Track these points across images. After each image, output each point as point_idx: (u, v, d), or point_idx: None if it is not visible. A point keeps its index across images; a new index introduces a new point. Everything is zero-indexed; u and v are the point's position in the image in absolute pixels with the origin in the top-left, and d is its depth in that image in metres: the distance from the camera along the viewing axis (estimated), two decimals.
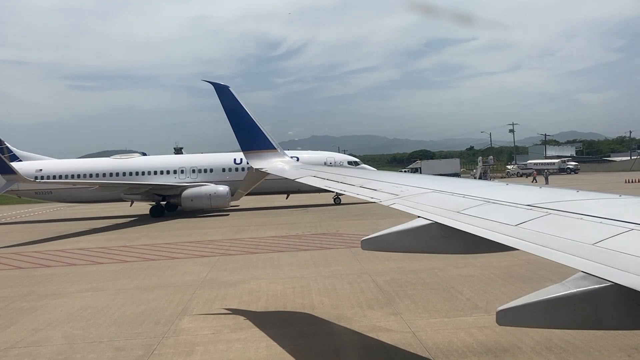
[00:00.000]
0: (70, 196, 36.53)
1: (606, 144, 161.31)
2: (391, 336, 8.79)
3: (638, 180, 51.33)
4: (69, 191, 35.39)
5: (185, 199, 33.68)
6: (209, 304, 11.55)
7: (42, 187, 35.26)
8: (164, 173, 36.41)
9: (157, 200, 35.37)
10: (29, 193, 36.86)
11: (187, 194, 33.67)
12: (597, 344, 7.80)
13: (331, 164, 36.34)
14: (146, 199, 35.83)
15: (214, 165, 36.38)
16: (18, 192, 37.10)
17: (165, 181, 35.74)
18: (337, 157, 38.42)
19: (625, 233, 3.26)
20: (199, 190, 33.58)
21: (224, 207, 34.03)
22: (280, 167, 12.08)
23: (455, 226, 4.45)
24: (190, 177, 35.94)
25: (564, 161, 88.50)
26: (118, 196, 35.63)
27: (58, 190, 35.59)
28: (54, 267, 17.53)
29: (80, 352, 8.81)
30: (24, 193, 36.95)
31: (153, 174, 36.58)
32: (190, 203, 33.69)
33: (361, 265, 14.81)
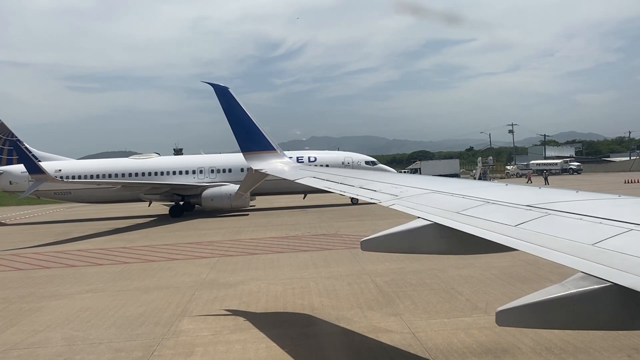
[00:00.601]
0: (89, 196, 36.58)
1: (605, 144, 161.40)
2: (391, 337, 8.79)
3: (637, 180, 51.35)
4: (88, 191, 35.47)
5: (206, 199, 33.77)
6: (209, 305, 11.55)
7: (63, 187, 35.24)
8: (183, 173, 36.46)
9: (176, 200, 35.42)
10: (48, 193, 36.96)
11: (207, 194, 33.76)
12: (597, 344, 7.81)
13: (349, 163, 36.60)
14: (165, 198, 35.91)
15: (233, 165, 36.21)
16: (37, 193, 37.07)
17: (184, 181, 35.79)
18: (354, 157, 38.38)
19: (625, 233, 3.26)
20: (219, 190, 33.62)
21: (244, 206, 34.16)
22: (280, 168, 12.08)
23: (454, 227, 4.45)
24: (209, 177, 35.96)
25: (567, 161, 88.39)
26: (137, 196, 35.73)
27: (77, 191, 35.60)
28: (54, 269, 17.52)
29: (79, 353, 8.81)
30: (42, 193, 37.00)
31: (172, 174, 36.68)
32: (210, 203, 33.76)
33: (361, 266, 14.80)
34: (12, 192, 39.17)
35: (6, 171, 37.51)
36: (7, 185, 37.59)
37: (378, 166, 38.00)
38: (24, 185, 36.74)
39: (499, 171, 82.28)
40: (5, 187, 37.95)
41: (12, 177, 37.19)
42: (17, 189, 37.56)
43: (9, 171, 37.49)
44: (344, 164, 36.66)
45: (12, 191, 38.65)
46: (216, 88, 13.23)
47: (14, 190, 38.07)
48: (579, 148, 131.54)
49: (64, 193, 36.38)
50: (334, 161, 37.14)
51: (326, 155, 38.61)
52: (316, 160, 37.04)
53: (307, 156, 37.50)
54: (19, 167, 37.37)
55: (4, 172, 37.45)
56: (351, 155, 38.57)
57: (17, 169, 37.35)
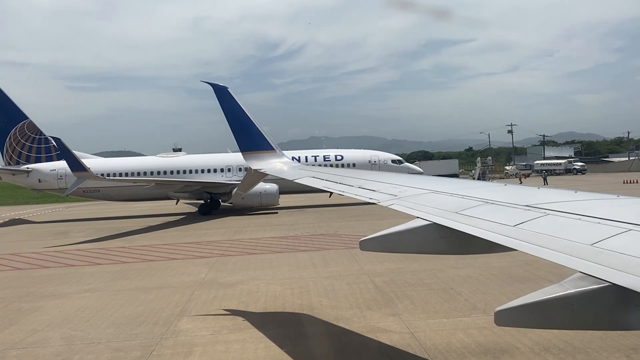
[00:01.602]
0: (118, 194, 36.67)
1: (604, 144, 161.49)
2: (390, 337, 8.80)
3: (636, 180, 51.40)
4: (117, 189, 35.53)
5: (236, 197, 33.68)
6: (208, 305, 11.54)
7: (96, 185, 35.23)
8: (211, 171, 36.56)
9: (205, 198, 35.48)
10: (77, 191, 36.71)
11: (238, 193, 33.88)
12: (596, 344, 7.82)
13: (375, 162, 36.94)
14: (194, 196, 35.96)
15: None
16: (66, 191, 37.05)
17: (214, 179, 35.91)
18: (380, 155, 38.51)
19: (623, 233, 3.27)
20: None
21: (273, 204, 34.27)
22: (279, 167, 12.08)
23: (453, 227, 4.46)
24: (237, 175, 35.94)
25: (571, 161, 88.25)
26: (165, 194, 35.82)
27: (106, 189, 35.62)
28: (53, 268, 17.51)
29: (78, 353, 8.80)
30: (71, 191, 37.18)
31: (200, 172, 36.77)
32: (241, 201, 33.83)
33: (360, 265, 14.81)
34: (41, 190, 39.23)
35: (35, 169, 37.55)
36: (36, 183, 37.63)
37: (404, 165, 38.19)
38: (52, 183, 37.07)
39: (498, 171, 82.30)
40: (34, 185, 37.99)
41: (41, 175, 37.28)
42: (46, 186, 37.71)
43: (38, 169, 37.55)
44: (371, 163, 37.00)
45: (40, 189, 38.68)
46: (215, 88, 13.24)
47: (43, 188, 38.15)
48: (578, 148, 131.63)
49: (92, 191, 36.39)
50: (360, 160, 37.46)
51: (353, 154, 38.79)
52: (343, 159, 37.46)
53: (333, 155, 37.92)
54: (48, 165, 37.68)
55: (33, 170, 37.49)
56: (377, 154, 38.73)
57: (46, 167, 37.65)
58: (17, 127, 37.69)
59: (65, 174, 36.38)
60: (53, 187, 37.39)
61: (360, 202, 7.28)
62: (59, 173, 36.71)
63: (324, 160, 37.52)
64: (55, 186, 37.17)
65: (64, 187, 36.61)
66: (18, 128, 37.71)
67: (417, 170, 38.96)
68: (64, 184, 36.38)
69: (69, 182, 35.78)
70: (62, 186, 36.66)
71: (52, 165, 37.59)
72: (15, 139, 37.81)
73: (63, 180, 36.48)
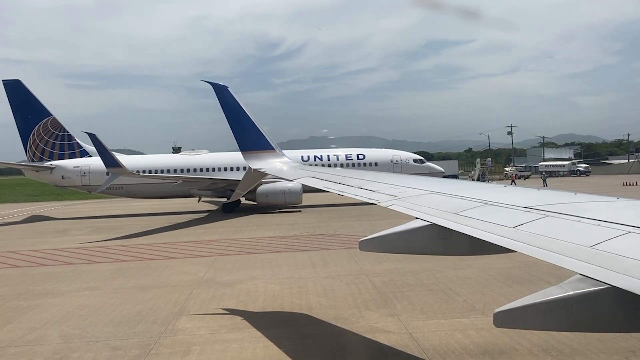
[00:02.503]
0: (142, 191, 36.71)
1: (604, 146, 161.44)
2: (388, 337, 8.80)
3: (636, 183, 51.42)
4: (141, 186, 35.57)
5: (261, 195, 33.93)
6: (206, 304, 11.54)
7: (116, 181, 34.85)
8: (234, 169, 36.47)
9: (229, 196, 35.18)
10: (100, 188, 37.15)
11: (262, 190, 33.83)
12: (594, 346, 7.82)
13: (397, 161, 37.06)
14: (217, 194, 35.96)
15: None
16: (89, 187, 37.44)
17: (239, 177, 35.95)
18: (402, 154, 38.63)
19: (623, 236, 3.26)
20: (274, 187, 33.69)
21: (297, 203, 34.33)
22: (279, 167, 12.08)
23: (453, 228, 4.45)
24: None
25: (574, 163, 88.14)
26: (189, 192, 35.82)
27: (129, 185, 35.56)
28: (51, 266, 17.50)
29: (77, 351, 8.80)
30: (94, 188, 37.23)
31: (223, 170, 36.81)
32: (265, 199, 33.97)
33: (359, 266, 14.81)
34: (63, 187, 39.28)
35: (59, 166, 37.60)
36: (60, 179, 37.69)
37: (426, 164, 38.27)
38: (76, 180, 37.09)
39: (497, 172, 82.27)
40: (57, 181, 38.03)
41: (65, 172, 37.35)
42: (69, 183, 37.75)
43: (61, 166, 37.59)
44: (393, 162, 37.13)
45: (63, 185, 38.70)
46: (215, 87, 13.23)
47: (66, 184, 38.19)
48: (577, 150, 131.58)
49: (115, 188, 36.26)
50: (382, 159, 37.62)
51: (375, 153, 38.85)
52: (365, 158, 37.54)
53: (355, 154, 38.02)
54: (72, 162, 37.75)
55: (57, 167, 37.55)
56: (399, 153, 38.84)
57: (70, 163, 37.69)
58: (40, 124, 37.83)
59: (88, 171, 36.77)
60: (76, 184, 37.47)
61: (359, 202, 7.28)
62: (82, 170, 36.88)
63: (346, 159, 37.66)
64: (78, 183, 37.25)
65: (87, 184, 36.86)
66: (42, 125, 37.85)
67: (438, 170, 39.19)
68: (87, 181, 36.62)
69: (92, 179, 36.24)
70: (85, 183, 36.86)
71: (75, 162, 37.76)
72: (38, 135, 37.95)
73: (86, 177, 36.68)
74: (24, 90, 37.51)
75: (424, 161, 38.62)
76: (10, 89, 37.39)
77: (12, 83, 37.52)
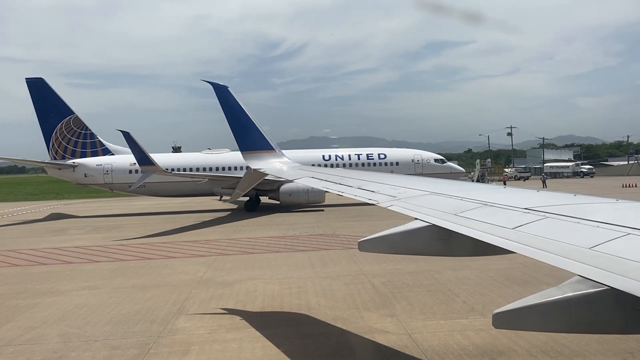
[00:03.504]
0: (163, 190, 36.71)
1: (604, 148, 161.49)
2: (387, 338, 8.80)
3: (635, 184, 51.45)
4: (162, 185, 35.59)
5: (284, 194, 33.96)
6: (205, 304, 11.54)
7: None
8: None
9: (252, 195, 35.44)
10: (122, 187, 37.29)
11: (285, 189, 33.88)
12: (593, 347, 7.82)
13: (418, 161, 37.22)
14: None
15: (304, 161, 36.87)
16: (112, 186, 37.50)
17: None
18: (424, 154, 38.71)
19: (623, 237, 3.27)
20: (297, 186, 33.51)
21: (320, 201, 34.40)
22: (279, 167, 12.09)
23: (452, 228, 4.45)
24: None
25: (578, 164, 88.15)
26: (210, 190, 35.84)
27: (152, 184, 35.49)
28: (50, 265, 17.49)
29: (75, 350, 8.79)
30: (117, 186, 37.36)
31: (245, 168, 36.86)
32: (288, 198, 34.02)
33: (358, 266, 14.81)
34: (85, 185, 39.32)
35: (81, 164, 37.66)
36: (82, 177, 37.73)
37: (447, 164, 38.32)
38: (98, 178, 37.16)
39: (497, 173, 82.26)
40: (79, 179, 38.08)
41: (87, 170, 37.42)
42: (92, 181, 37.82)
43: (84, 164, 37.65)
44: (414, 162, 37.26)
45: (85, 184, 38.73)
46: (215, 87, 13.24)
47: (88, 182, 38.22)
48: (577, 152, 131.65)
49: (139, 186, 36.16)
50: (403, 158, 37.78)
51: (396, 153, 39.00)
52: (386, 158, 37.68)
53: (377, 153, 38.15)
54: (94, 160, 37.80)
55: (79, 165, 37.60)
56: (420, 153, 38.91)
57: (92, 161, 37.72)
58: (63, 122, 37.86)
59: (111, 169, 36.88)
60: (99, 182, 37.54)
61: (359, 202, 7.28)
62: (105, 168, 36.99)
63: (367, 159, 37.78)
64: (101, 181, 37.33)
65: (109, 182, 36.99)
66: (64, 123, 37.88)
67: (459, 170, 39.53)
68: (109, 179, 36.76)
69: (114, 177, 36.45)
70: (108, 181, 36.97)
71: (98, 160, 37.83)
72: (61, 133, 37.99)
73: (109, 175, 36.79)
74: (47, 88, 37.54)
75: (445, 161, 38.68)
76: (33, 88, 37.43)
77: (35, 81, 37.55)
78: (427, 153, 39.46)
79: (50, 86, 37.67)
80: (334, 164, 37.16)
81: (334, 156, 38.02)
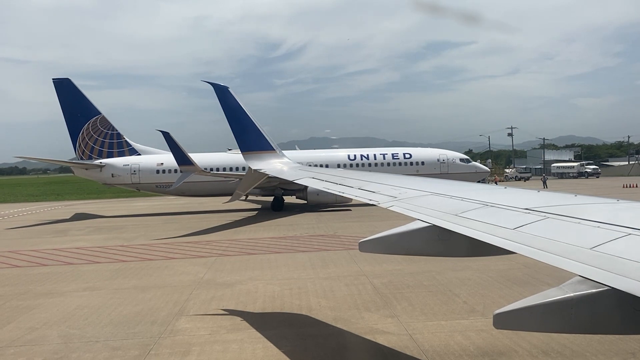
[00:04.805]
0: (189, 189, 36.71)
1: (604, 148, 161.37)
2: (388, 338, 8.79)
3: (636, 185, 51.42)
4: (190, 184, 35.54)
5: (312, 194, 33.89)
6: (206, 305, 11.53)
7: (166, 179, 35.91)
8: None
9: (279, 195, 35.50)
10: (150, 187, 37.40)
11: (313, 189, 33.90)
12: (594, 348, 7.81)
13: (444, 161, 37.31)
14: (266, 193, 35.89)
15: (330, 161, 36.76)
16: (139, 185, 37.57)
17: None
18: (449, 154, 38.73)
19: (623, 238, 3.26)
20: None
21: (348, 201, 34.20)
22: (279, 168, 12.10)
23: (453, 229, 4.45)
24: None
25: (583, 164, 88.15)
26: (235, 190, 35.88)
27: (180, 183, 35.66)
28: (51, 266, 17.49)
29: (76, 351, 8.79)
30: (144, 186, 37.46)
31: None
32: (316, 197, 33.98)
33: (359, 267, 14.80)
34: (112, 185, 39.39)
35: (108, 164, 37.74)
36: (109, 177, 37.84)
37: (472, 164, 38.40)
38: (125, 178, 37.29)
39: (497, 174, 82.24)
40: (106, 179, 38.17)
41: (114, 170, 37.52)
42: (119, 181, 37.90)
43: (111, 164, 37.73)
44: (439, 161, 37.36)
45: (112, 183, 38.80)
46: (216, 87, 13.25)
47: (115, 182, 38.31)
48: (578, 152, 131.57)
49: (164, 186, 36.68)
50: (429, 158, 37.83)
51: (421, 152, 39.03)
52: (411, 157, 37.76)
53: (402, 153, 38.27)
54: (121, 160, 37.89)
55: (106, 165, 37.69)
56: (446, 153, 38.94)
57: (120, 161, 37.81)
58: (90, 122, 37.95)
59: (138, 169, 37.03)
60: (126, 182, 37.64)
61: (359, 203, 7.29)
62: (132, 168, 37.12)
63: (392, 158, 37.88)
64: (128, 181, 37.44)
65: (136, 182, 37.12)
66: (91, 123, 37.97)
67: (484, 169, 39.51)
68: (137, 179, 36.92)
69: (141, 177, 36.63)
70: (135, 181, 37.09)
71: (125, 160, 37.90)
72: (88, 133, 38.08)
73: (136, 175, 36.95)
74: (73, 88, 37.59)
75: (470, 160, 38.76)
76: (60, 88, 37.47)
77: (62, 82, 37.60)
78: (452, 153, 39.41)
79: (76, 86, 37.71)
80: (359, 163, 37.35)
81: (359, 156, 38.15)
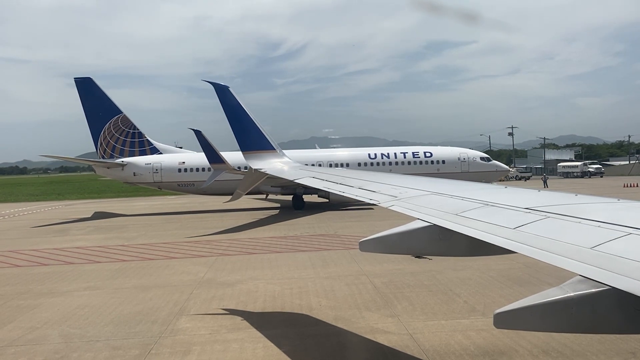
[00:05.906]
0: (211, 188, 36.32)
1: (605, 148, 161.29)
2: (388, 338, 8.79)
3: (636, 184, 51.38)
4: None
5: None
6: (207, 304, 11.54)
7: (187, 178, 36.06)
8: None
9: (299, 193, 35.41)
10: (171, 185, 37.46)
11: None
12: (594, 347, 7.81)
13: (465, 159, 37.32)
14: (286, 192, 35.80)
15: (351, 160, 36.89)
16: (161, 184, 37.63)
17: None
18: (469, 153, 38.73)
19: (624, 237, 3.26)
20: None
21: None
22: (279, 167, 12.10)
23: (453, 228, 4.45)
24: None
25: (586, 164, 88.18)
26: (258, 189, 35.44)
27: (200, 183, 35.75)
28: (52, 266, 17.50)
29: (77, 351, 8.80)
30: (165, 185, 37.50)
31: None
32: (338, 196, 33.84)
33: (359, 266, 14.80)
34: (134, 183, 39.34)
35: (130, 163, 37.75)
36: (131, 176, 37.83)
37: (492, 162, 38.33)
38: (147, 177, 37.34)
39: None
40: (128, 178, 38.17)
41: (136, 169, 37.55)
42: (141, 180, 37.91)
43: (133, 163, 37.75)
44: (460, 160, 37.39)
45: (134, 182, 38.76)
46: (216, 87, 13.25)
47: (137, 181, 38.30)
48: (578, 152, 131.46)
49: (186, 185, 36.71)
50: (449, 156, 37.82)
51: (442, 151, 38.95)
52: (432, 156, 37.78)
53: (422, 151, 38.27)
54: (143, 159, 37.94)
55: (128, 164, 37.70)
56: (466, 152, 38.91)
57: (141, 160, 37.85)
58: (111, 121, 38.00)
59: (160, 168, 37.06)
60: (148, 181, 37.67)
61: (360, 202, 7.29)
62: (154, 167, 37.16)
63: (413, 157, 37.89)
64: (150, 180, 37.47)
65: (158, 181, 37.20)
66: (112, 122, 38.02)
67: (504, 168, 39.46)
68: (158, 178, 36.99)
69: (163, 176, 36.73)
70: (157, 180, 37.15)
71: (147, 159, 37.93)
72: (109, 132, 38.14)
73: (158, 174, 37.01)
74: (95, 87, 37.59)
75: (490, 159, 38.73)
76: (82, 87, 37.50)
77: (84, 81, 37.62)
78: (473, 151, 39.34)
79: (98, 86, 37.70)
80: (379, 162, 37.41)
81: (380, 154, 38.18)
